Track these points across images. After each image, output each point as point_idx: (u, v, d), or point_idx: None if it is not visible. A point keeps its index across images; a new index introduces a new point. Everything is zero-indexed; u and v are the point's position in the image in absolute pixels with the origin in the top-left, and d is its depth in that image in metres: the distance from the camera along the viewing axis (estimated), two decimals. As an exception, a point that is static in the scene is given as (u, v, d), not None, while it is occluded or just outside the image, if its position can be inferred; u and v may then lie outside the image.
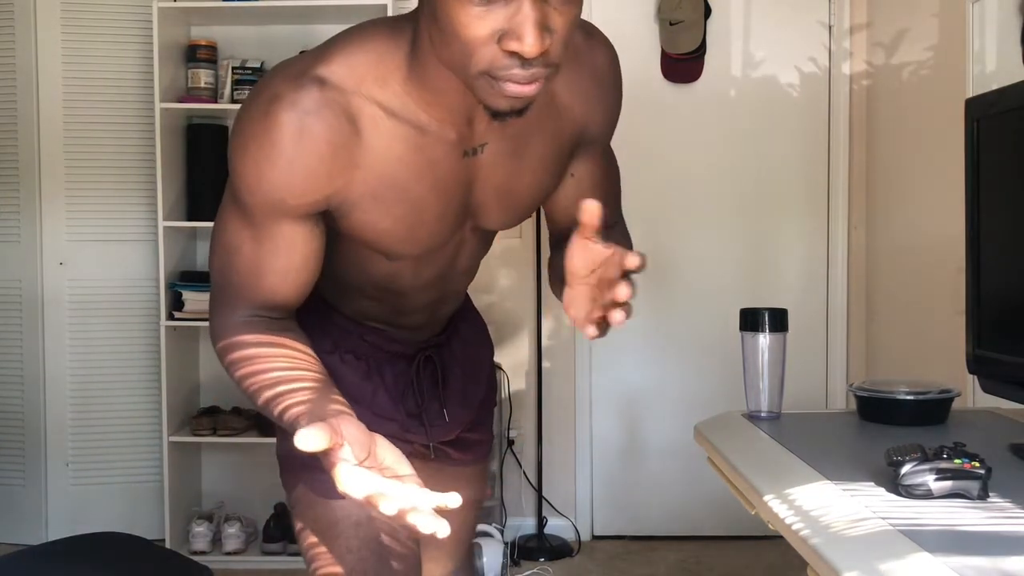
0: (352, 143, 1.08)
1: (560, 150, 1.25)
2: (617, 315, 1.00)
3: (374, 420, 1.33)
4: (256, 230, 1.12)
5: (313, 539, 1.30)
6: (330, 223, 1.16)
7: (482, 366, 1.52)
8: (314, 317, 1.33)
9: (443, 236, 1.22)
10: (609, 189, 1.35)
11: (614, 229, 1.35)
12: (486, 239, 1.35)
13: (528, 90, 0.99)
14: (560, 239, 1.32)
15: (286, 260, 1.13)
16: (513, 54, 0.95)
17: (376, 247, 1.19)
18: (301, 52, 1.38)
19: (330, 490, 1.25)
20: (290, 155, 1.06)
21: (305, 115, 1.05)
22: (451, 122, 1.12)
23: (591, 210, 0.96)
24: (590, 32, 1.24)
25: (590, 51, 1.23)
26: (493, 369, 1.58)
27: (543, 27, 0.95)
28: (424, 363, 1.40)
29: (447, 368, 1.43)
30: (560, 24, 0.97)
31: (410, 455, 1.42)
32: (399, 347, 1.38)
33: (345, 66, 1.08)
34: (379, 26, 1.13)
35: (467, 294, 1.53)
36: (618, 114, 1.31)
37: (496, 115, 1.04)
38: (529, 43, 0.94)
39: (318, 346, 1.31)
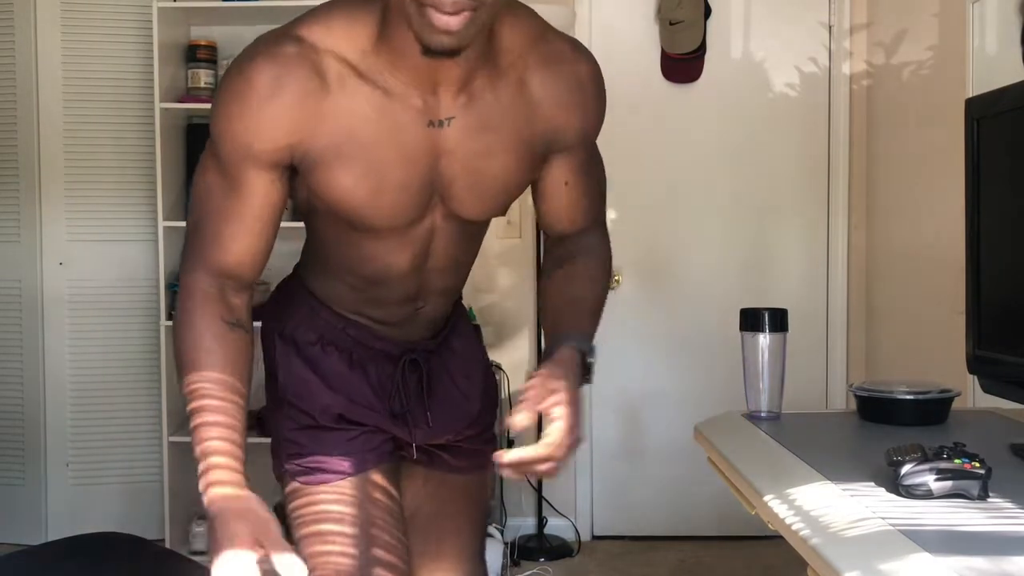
0: (320, 96, 1.15)
1: (529, 142, 1.27)
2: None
3: (355, 409, 1.35)
4: (227, 178, 1.18)
5: (302, 528, 1.33)
6: (305, 193, 1.23)
7: (474, 381, 1.50)
8: (302, 310, 1.36)
9: (408, 209, 1.24)
10: (594, 192, 1.44)
11: (589, 234, 1.42)
12: (463, 232, 1.33)
13: (452, 22, 1.06)
14: (551, 256, 1.41)
15: (250, 208, 1.19)
16: None
17: (341, 210, 1.22)
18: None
19: (314, 479, 1.31)
20: (260, 102, 1.14)
21: (279, 67, 1.14)
22: (416, 88, 1.17)
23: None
24: (578, 47, 1.32)
25: (574, 60, 1.30)
26: (492, 387, 1.55)
27: None
28: (410, 366, 1.40)
29: (434, 376, 1.43)
30: None
31: (404, 460, 1.42)
32: (383, 345, 1.38)
33: (320, 28, 1.17)
34: None
35: (464, 311, 1.52)
36: (597, 125, 1.40)
37: (428, 51, 1.10)
38: None
39: (303, 337, 1.33)
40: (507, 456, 1.09)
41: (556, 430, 1.10)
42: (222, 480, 1.13)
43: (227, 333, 1.20)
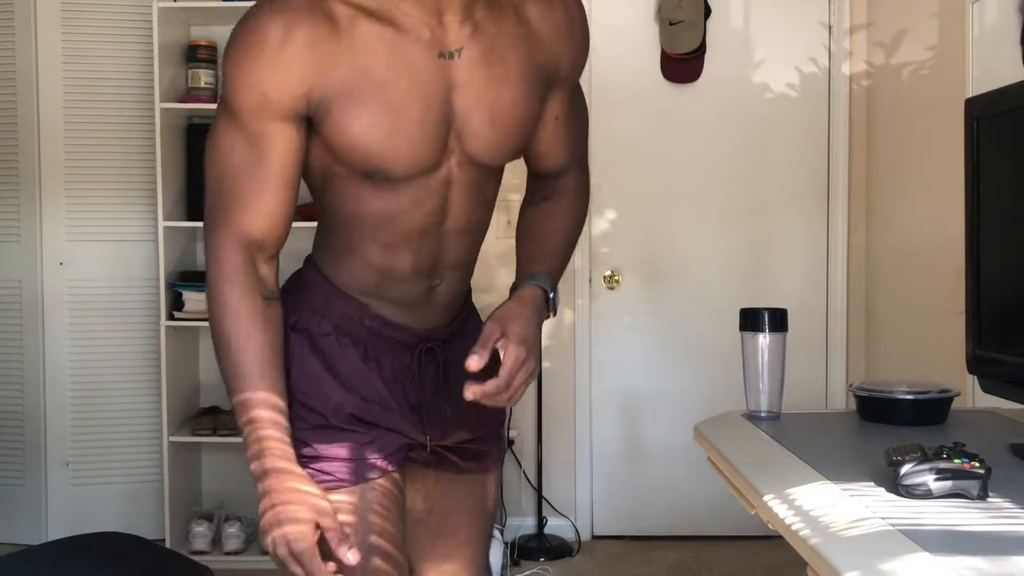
0: (331, 40, 1.17)
1: (534, 73, 1.30)
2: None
3: (369, 408, 1.32)
4: (244, 135, 1.19)
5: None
6: (319, 153, 1.23)
7: (489, 375, 1.49)
8: (317, 298, 1.34)
9: (426, 149, 1.23)
10: (578, 130, 1.46)
11: (571, 174, 1.47)
12: (478, 185, 1.32)
13: None
14: (532, 191, 1.48)
15: (271, 165, 1.20)
16: None
17: (359, 156, 1.21)
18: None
19: (321, 483, 1.26)
20: (273, 51, 1.15)
21: (289, 17, 1.15)
22: (423, 20, 1.20)
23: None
24: None
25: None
26: None
27: None
28: (426, 355, 1.37)
29: (450, 366, 1.39)
30: None
31: (414, 462, 1.39)
32: (399, 334, 1.35)
33: None
34: None
35: (474, 306, 1.50)
36: (585, 58, 1.40)
37: None
38: None
39: (317, 328, 1.31)
40: (469, 393, 1.23)
41: (503, 370, 1.25)
42: (276, 453, 1.20)
43: (263, 310, 1.22)
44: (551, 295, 1.38)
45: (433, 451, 1.40)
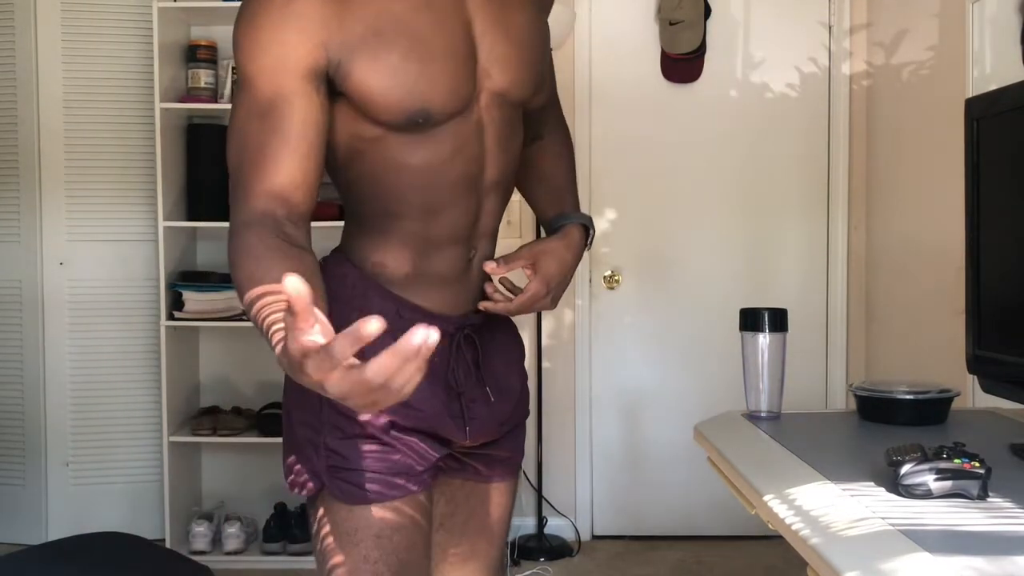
0: None
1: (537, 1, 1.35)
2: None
3: (408, 413, 1.25)
4: (263, 99, 1.12)
5: (331, 542, 1.25)
6: (345, 123, 1.19)
7: (515, 362, 1.44)
8: (349, 294, 1.27)
9: (461, 82, 1.21)
10: (551, 64, 1.47)
11: (552, 108, 1.49)
12: (508, 125, 1.30)
13: None
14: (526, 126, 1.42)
15: (293, 125, 1.11)
16: None
17: (393, 100, 1.16)
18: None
19: (354, 496, 1.22)
20: (284, 11, 1.10)
21: None
22: None
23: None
24: None
25: None
26: (524, 376, 1.47)
27: None
28: (464, 341, 1.32)
29: (486, 352, 1.36)
30: None
31: (442, 470, 1.35)
32: (436, 323, 1.24)
33: None
34: None
35: None
36: None
37: None
38: None
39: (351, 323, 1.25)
40: (488, 267, 1.32)
41: (519, 300, 1.33)
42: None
43: (289, 249, 1.06)
44: (591, 231, 1.44)
45: (457, 458, 1.36)
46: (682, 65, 3.59)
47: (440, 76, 1.18)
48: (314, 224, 1.22)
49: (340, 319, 1.10)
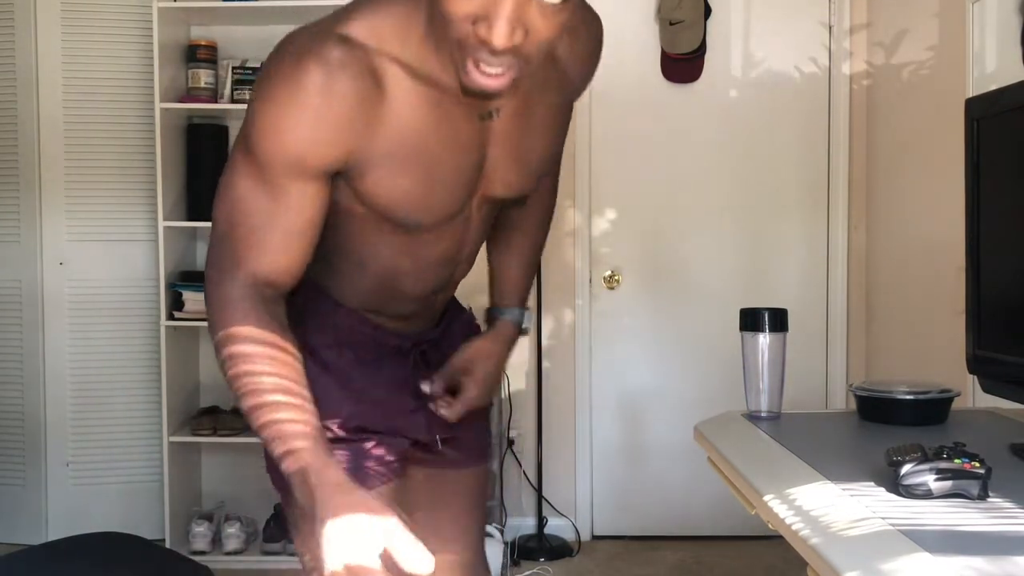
0: (376, 100, 1.09)
1: (563, 111, 1.31)
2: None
3: (375, 417, 1.33)
4: (270, 186, 1.10)
5: (304, 539, 1.29)
6: (340, 195, 1.17)
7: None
8: (317, 311, 1.33)
9: (456, 201, 1.22)
10: (563, 143, 1.43)
11: (546, 177, 1.44)
12: (490, 218, 1.35)
13: (493, 84, 1.03)
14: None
15: (295, 218, 1.11)
16: (484, 40, 0.98)
17: (390, 211, 1.18)
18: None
19: None
20: (317, 111, 1.06)
21: (332, 70, 1.05)
22: None
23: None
24: (587, 5, 1.34)
25: (593, 21, 1.33)
26: None
27: (518, 23, 0.97)
28: (420, 358, 1.41)
29: (443, 364, 1.43)
30: (543, 27, 1.00)
31: (410, 460, 1.41)
32: (396, 340, 1.37)
33: (366, 26, 1.09)
34: None
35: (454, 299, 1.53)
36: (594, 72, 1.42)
37: (466, 92, 1.07)
38: (497, 34, 0.97)
39: (318, 340, 1.31)
40: (425, 387, 1.37)
41: (457, 405, 1.38)
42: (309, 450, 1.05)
43: (271, 321, 1.11)
44: (524, 327, 1.53)
45: (423, 446, 1.41)
46: (682, 65, 3.59)
47: (443, 196, 1.20)
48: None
49: (307, 333, 1.26)
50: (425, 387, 1.37)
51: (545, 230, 1.55)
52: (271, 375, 1.08)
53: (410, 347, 1.39)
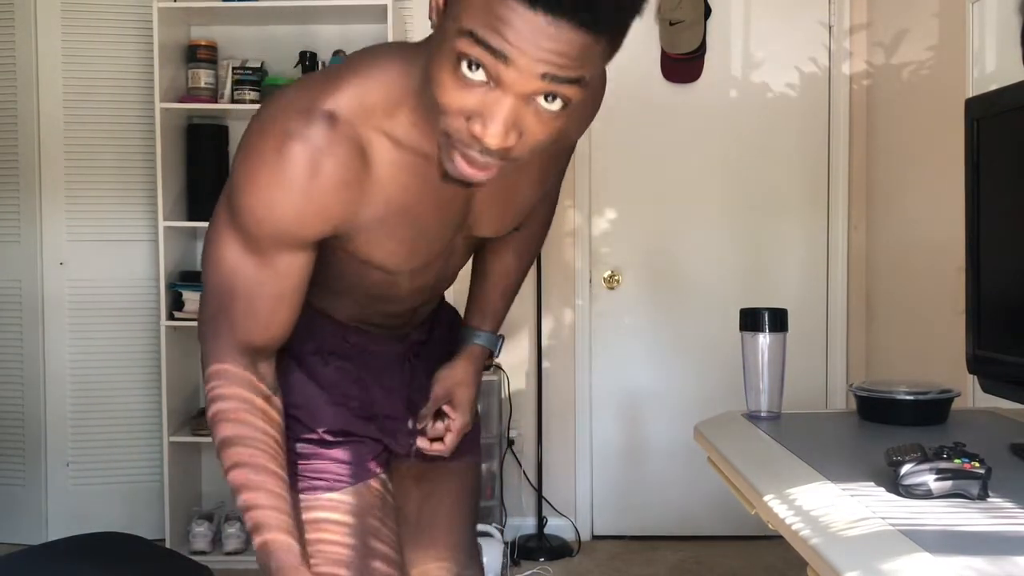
0: (362, 174, 1.09)
1: (555, 161, 1.30)
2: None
3: (358, 423, 1.35)
4: (258, 257, 1.12)
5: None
6: (330, 243, 1.17)
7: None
8: (301, 321, 1.31)
9: (441, 248, 1.25)
10: (562, 178, 1.44)
11: (540, 204, 1.42)
12: (475, 244, 1.36)
13: (478, 175, 1.02)
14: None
15: (284, 284, 1.14)
16: (477, 137, 0.97)
17: (376, 263, 1.20)
18: (304, 69, 1.39)
19: (315, 487, 1.29)
20: (302, 192, 1.05)
21: (318, 152, 1.05)
22: None
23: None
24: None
25: (600, 86, 1.31)
26: None
27: (513, 126, 0.96)
28: (407, 364, 1.43)
29: (429, 370, 1.45)
30: (537, 131, 0.98)
31: (394, 456, 1.42)
32: (381, 348, 1.39)
33: (355, 98, 1.07)
34: (392, 54, 1.12)
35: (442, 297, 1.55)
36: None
37: (446, 177, 1.05)
38: (491, 135, 0.95)
39: (302, 347, 1.32)
40: (419, 443, 1.40)
41: (449, 439, 1.41)
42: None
43: (265, 409, 1.19)
44: (495, 354, 1.51)
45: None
46: (682, 65, 3.59)
47: (421, 255, 1.21)
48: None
49: (294, 343, 1.28)
50: (421, 442, 1.40)
51: (533, 256, 1.54)
52: (259, 452, 1.19)
53: (401, 352, 1.41)
